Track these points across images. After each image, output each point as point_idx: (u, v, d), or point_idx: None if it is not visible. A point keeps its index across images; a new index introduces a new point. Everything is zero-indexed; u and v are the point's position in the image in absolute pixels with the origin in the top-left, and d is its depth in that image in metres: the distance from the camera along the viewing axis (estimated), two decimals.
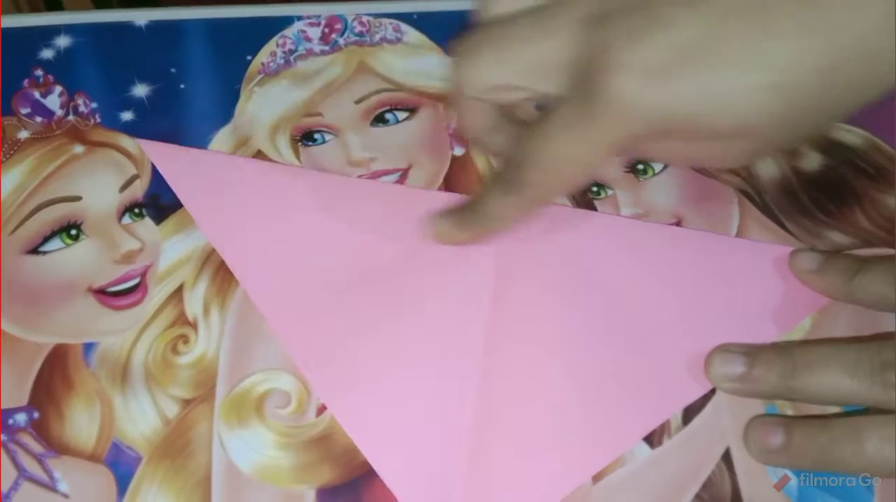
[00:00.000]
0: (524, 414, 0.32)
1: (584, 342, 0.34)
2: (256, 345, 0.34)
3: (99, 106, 0.40)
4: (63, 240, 0.36)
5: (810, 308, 0.35)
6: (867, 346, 0.31)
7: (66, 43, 0.42)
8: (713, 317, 0.35)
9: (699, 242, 0.37)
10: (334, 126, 0.40)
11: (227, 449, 0.32)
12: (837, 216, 0.39)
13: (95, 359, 0.34)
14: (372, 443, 0.32)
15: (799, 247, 0.36)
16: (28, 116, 0.40)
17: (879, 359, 0.30)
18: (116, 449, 0.32)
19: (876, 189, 0.39)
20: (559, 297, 0.35)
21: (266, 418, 0.33)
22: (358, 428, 0.32)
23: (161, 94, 0.41)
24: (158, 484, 0.31)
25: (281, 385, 0.33)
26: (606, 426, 0.32)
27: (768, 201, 0.39)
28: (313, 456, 0.32)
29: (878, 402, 0.30)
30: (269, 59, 0.42)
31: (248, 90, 0.41)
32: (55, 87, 0.41)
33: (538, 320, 0.34)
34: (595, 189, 0.39)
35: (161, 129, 0.40)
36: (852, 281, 0.34)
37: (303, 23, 0.44)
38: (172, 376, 0.34)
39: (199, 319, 0.35)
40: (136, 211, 0.37)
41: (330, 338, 0.34)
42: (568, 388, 0.33)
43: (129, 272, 0.36)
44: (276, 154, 0.39)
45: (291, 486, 0.32)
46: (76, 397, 0.33)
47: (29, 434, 0.32)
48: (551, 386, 0.33)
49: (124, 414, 0.33)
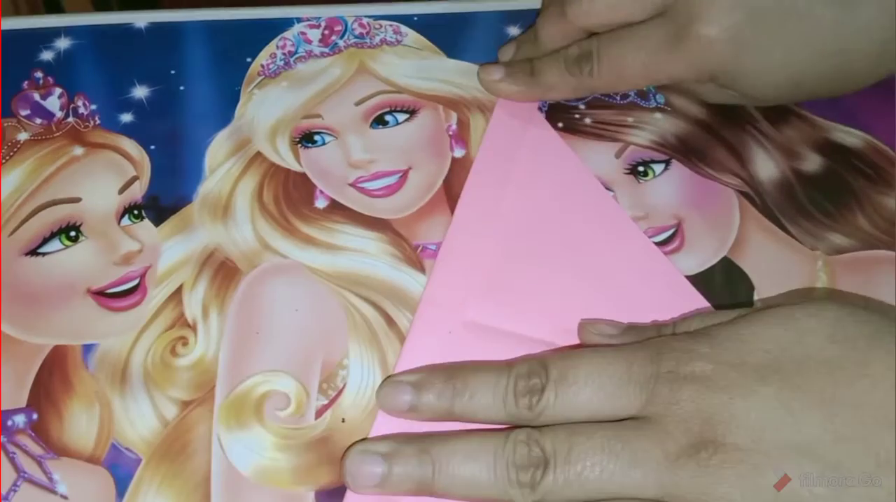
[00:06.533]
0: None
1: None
2: (255, 346, 0.34)
3: (99, 107, 0.40)
4: (62, 241, 0.36)
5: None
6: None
7: (66, 45, 0.42)
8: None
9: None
10: (334, 128, 0.40)
11: (226, 450, 0.32)
12: (837, 217, 0.39)
13: (94, 360, 0.34)
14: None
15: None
16: (28, 118, 0.40)
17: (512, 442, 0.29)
18: (115, 451, 0.32)
19: (876, 190, 0.39)
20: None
21: (265, 420, 0.33)
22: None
23: (161, 95, 0.41)
24: (157, 485, 0.31)
25: (280, 387, 0.33)
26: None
27: (768, 202, 0.39)
28: (312, 458, 0.32)
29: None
30: (269, 60, 0.42)
31: (247, 92, 0.41)
32: (55, 88, 0.41)
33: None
34: None
35: (161, 131, 0.40)
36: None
37: (303, 25, 0.44)
38: (171, 378, 0.34)
39: (199, 321, 0.35)
40: (136, 212, 0.37)
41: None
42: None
43: (128, 273, 0.36)
44: (275, 156, 0.39)
45: (291, 488, 0.31)
46: (75, 399, 0.33)
47: (28, 435, 0.32)
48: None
49: (123, 416, 0.33)
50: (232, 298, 0.35)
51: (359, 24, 0.44)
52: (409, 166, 0.39)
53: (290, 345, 0.34)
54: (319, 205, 0.38)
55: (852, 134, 0.41)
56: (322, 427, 0.33)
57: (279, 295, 0.36)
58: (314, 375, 0.34)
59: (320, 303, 0.36)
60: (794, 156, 0.40)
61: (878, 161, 0.40)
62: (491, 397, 0.30)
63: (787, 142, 0.41)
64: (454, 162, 0.40)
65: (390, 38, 0.44)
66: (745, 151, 0.40)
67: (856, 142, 0.41)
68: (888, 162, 0.40)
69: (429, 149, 0.40)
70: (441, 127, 0.41)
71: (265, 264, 0.36)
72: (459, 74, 0.42)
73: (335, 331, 0.35)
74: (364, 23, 0.44)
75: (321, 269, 0.36)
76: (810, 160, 0.40)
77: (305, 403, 0.33)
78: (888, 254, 0.37)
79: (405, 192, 0.39)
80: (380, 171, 0.39)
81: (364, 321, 0.35)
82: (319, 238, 0.37)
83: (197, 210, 0.38)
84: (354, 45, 0.43)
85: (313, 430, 0.33)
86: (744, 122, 0.41)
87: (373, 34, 0.44)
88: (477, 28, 0.44)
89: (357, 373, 0.34)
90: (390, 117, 0.41)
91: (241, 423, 0.33)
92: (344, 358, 0.34)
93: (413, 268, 0.37)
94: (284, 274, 0.36)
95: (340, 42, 0.43)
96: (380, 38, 0.43)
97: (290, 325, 0.35)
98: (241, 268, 0.36)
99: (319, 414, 0.33)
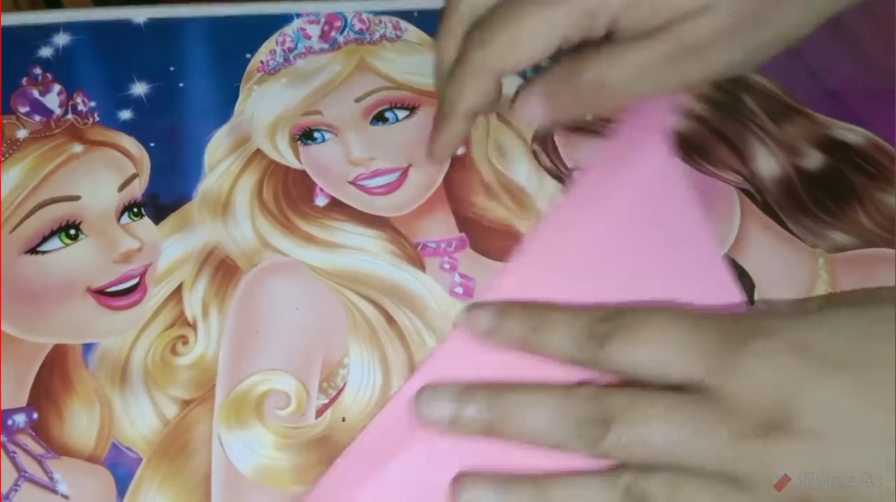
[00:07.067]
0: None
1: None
2: (256, 345, 0.34)
3: (98, 104, 0.40)
4: (62, 239, 0.36)
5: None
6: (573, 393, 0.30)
7: (65, 41, 0.42)
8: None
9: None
10: (334, 124, 0.40)
11: (226, 449, 0.32)
12: (838, 215, 0.38)
13: (94, 359, 0.34)
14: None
15: (472, 304, 0.33)
16: (27, 115, 0.40)
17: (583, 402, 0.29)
18: (116, 450, 0.32)
19: (877, 188, 0.39)
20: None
21: (265, 419, 0.33)
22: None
23: (160, 92, 0.41)
24: (158, 485, 0.31)
25: (280, 385, 0.33)
26: None
27: (769, 200, 0.39)
28: (313, 457, 0.32)
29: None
30: (269, 57, 0.42)
31: (247, 88, 0.41)
32: (54, 85, 0.41)
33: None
34: None
35: (160, 128, 0.40)
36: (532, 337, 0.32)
37: (302, 20, 0.43)
38: (172, 377, 0.34)
39: (199, 320, 0.35)
40: (135, 210, 0.37)
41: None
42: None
43: (128, 272, 0.36)
44: (275, 153, 0.39)
45: (291, 487, 0.32)
46: (75, 398, 0.33)
47: (28, 435, 0.32)
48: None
49: (123, 415, 0.33)
50: (232, 297, 0.35)
51: (358, 20, 0.44)
52: (409, 163, 0.39)
53: (290, 343, 0.34)
54: (319, 203, 0.38)
55: (853, 131, 0.41)
56: (322, 426, 0.33)
57: (279, 293, 0.36)
58: (314, 374, 0.34)
59: (320, 302, 0.35)
60: (795, 153, 0.40)
61: (880, 158, 0.40)
62: (567, 332, 0.31)
63: (788, 139, 0.41)
64: (454, 159, 0.40)
65: (390, 33, 0.43)
66: (746, 148, 0.40)
67: (857, 140, 0.40)
68: (889, 159, 0.40)
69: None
70: None
71: (265, 262, 0.36)
72: None
73: (335, 330, 0.35)
74: (364, 18, 0.44)
75: (321, 267, 0.36)
76: (811, 157, 0.40)
77: (306, 402, 0.33)
78: (889, 251, 0.37)
79: (405, 190, 0.39)
80: (380, 169, 0.39)
81: (364, 319, 0.35)
82: (319, 236, 0.37)
83: (197, 208, 0.38)
84: (354, 41, 0.43)
85: (313, 429, 0.33)
86: (745, 119, 0.41)
87: (373, 30, 0.43)
88: None
89: (357, 371, 0.34)
90: (390, 114, 0.41)
91: (241, 422, 0.33)
92: (344, 356, 0.34)
93: (413, 266, 0.37)
94: (284, 272, 0.36)
95: (340, 38, 0.43)
96: (380, 34, 0.43)
97: (290, 324, 0.35)
98: (240, 267, 0.36)
99: (320, 414, 0.33)
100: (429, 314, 0.35)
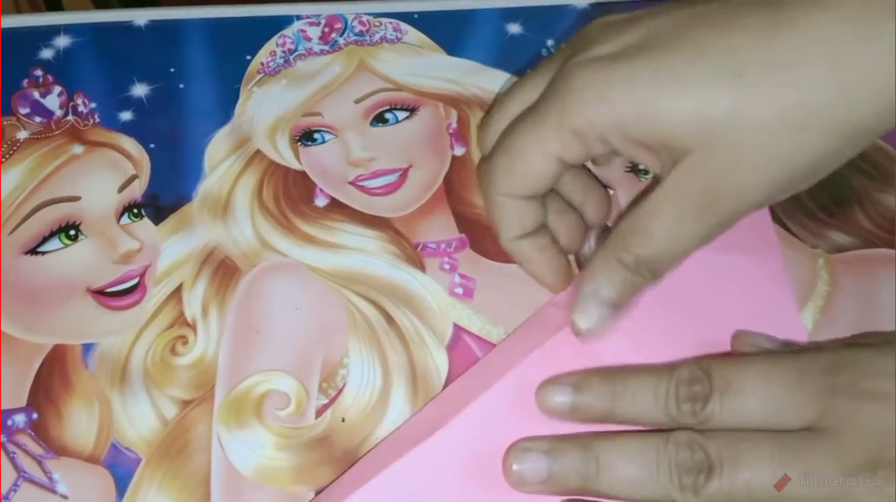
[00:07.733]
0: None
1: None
2: (255, 345, 0.34)
3: (98, 106, 0.40)
4: (62, 240, 0.36)
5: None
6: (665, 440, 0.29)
7: (66, 43, 0.42)
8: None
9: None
10: (334, 126, 0.40)
11: (226, 450, 0.32)
12: (838, 216, 0.38)
13: (94, 359, 0.34)
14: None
15: (546, 382, 0.31)
16: (27, 116, 0.40)
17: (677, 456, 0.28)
18: (115, 451, 0.32)
19: (876, 189, 0.39)
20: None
21: (265, 419, 0.33)
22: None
23: (160, 93, 0.41)
24: (157, 485, 0.31)
25: (280, 386, 0.33)
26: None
27: None
28: (312, 458, 0.32)
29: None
30: (269, 58, 0.42)
31: (247, 90, 0.41)
32: (54, 86, 0.41)
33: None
34: None
35: (160, 129, 0.40)
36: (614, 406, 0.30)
37: (302, 22, 0.44)
38: (171, 377, 0.34)
39: (198, 320, 0.35)
40: (135, 211, 0.37)
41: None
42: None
43: (127, 272, 0.36)
44: (275, 154, 0.39)
45: (290, 487, 0.31)
46: (75, 398, 0.33)
47: (28, 435, 0.32)
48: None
49: (123, 416, 0.33)
50: (232, 297, 0.35)
51: (359, 22, 0.44)
52: (409, 164, 0.39)
53: (289, 344, 0.34)
54: (319, 204, 0.38)
55: None
56: (322, 426, 0.33)
57: (279, 293, 0.36)
58: (314, 374, 0.34)
59: (320, 302, 0.35)
60: None
61: (879, 159, 0.40)
62: (652, 400, 0.29)
63: None
64: (454, 160, 0.40)
65: (390, 35, 0.43)
66: None
67: None
68: (889, 159, 0.40)
69: (429, 148, 0.40)
70: (441, 125, 0.41)
71: (265, 263, 0.36)
72: (460, 72, 0.42)
73: (335, 330, 0.35)
74: (364, 20, 0.44)
75: (321, 268, 0.36)
76: None
77: (305, 402, 0.33)
78: (889, 252, 0.37)
79: (405, 191, 0.39)
80: (380, 170, 0.39)
81: (364, 320, 0.35)
82: (319, 236, 0.37)
83: (196, 208, 0.38)
84: (354, 43, 0.43)
85: (313, 430, 0.33)
86: None
87: (373, 31, 0.43)
88: (477, 25, 0.44)
89: (357, 372, 0.34)
90: (390, 115, 0.41)
91: (241, 422, 0.33)
92: (344, 357, 0.34)
93: (413, 267, 0.37)
94: (284, 272, 0.36)
95: (340, 39, 0.43)
96: (380, 36, 0.43)
97: (290, 324, 0.35)
98: (240, 267, 0.36)
99: (319, 414, 0.33)
100: (429, 314, 0.35)
